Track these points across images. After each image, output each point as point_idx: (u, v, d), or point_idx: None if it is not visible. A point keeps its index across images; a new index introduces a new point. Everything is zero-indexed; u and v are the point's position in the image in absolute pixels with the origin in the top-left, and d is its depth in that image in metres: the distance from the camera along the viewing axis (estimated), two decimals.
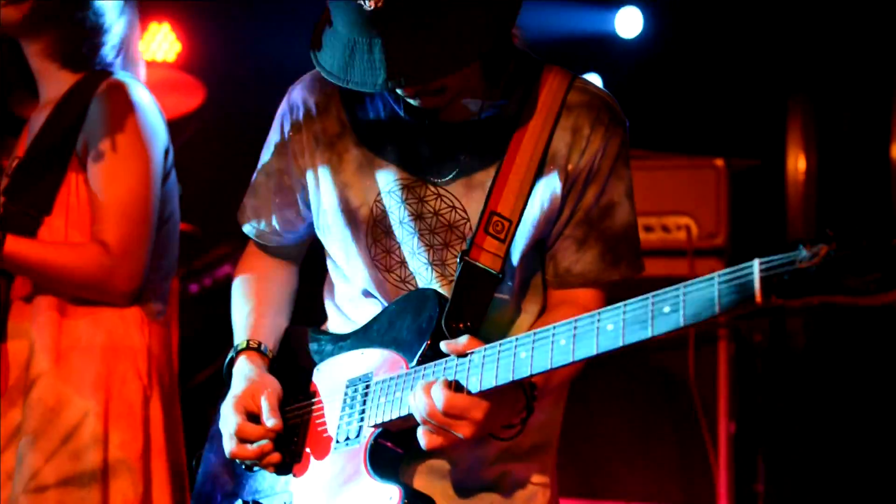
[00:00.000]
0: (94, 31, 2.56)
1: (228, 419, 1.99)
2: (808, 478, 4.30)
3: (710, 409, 4.06)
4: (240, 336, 2.15)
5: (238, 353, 2.10)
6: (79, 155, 2.49)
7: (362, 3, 1.73)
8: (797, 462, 4.29)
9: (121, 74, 2.57)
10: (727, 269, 1.44)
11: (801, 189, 4.92)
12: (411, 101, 1.90)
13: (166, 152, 2.58)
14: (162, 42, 4.70)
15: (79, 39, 2.55)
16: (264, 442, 1.96)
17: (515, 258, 1.97)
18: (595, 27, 4.77)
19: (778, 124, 4.95)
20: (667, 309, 1.51)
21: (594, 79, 2.02)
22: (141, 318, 2.55)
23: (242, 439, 1.96)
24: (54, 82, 2.57)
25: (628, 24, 4.74)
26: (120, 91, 2.49)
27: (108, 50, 2.59)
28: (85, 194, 2.49)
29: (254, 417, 1.98)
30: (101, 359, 2.48)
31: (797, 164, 4.94)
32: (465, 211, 1.96)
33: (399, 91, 1.87)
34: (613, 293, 1.89)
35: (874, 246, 1.31)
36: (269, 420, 1.95)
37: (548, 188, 1.95)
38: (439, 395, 1.73)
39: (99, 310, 2.51)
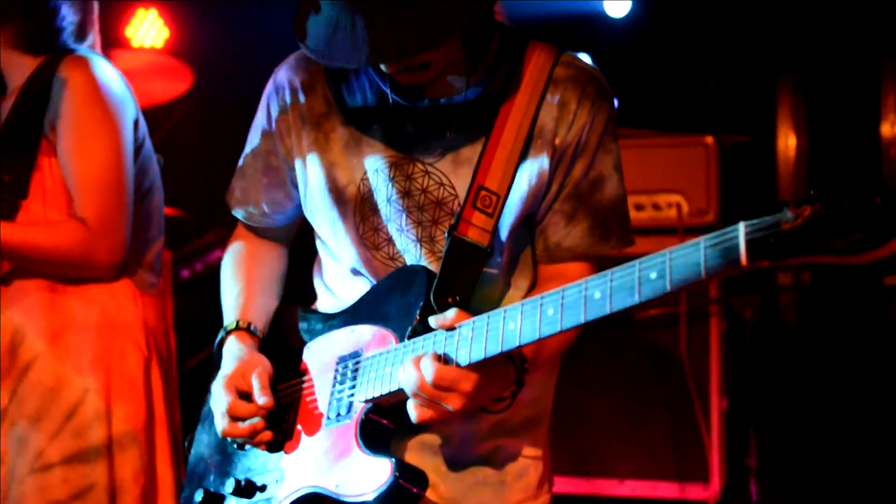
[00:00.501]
0: (54, 14, 2.57)
1: (220, 398, 1.99)
2: (800, 452, 4.32)
3: (702, 385, 4.08)
4: (229, 317, 2.15)
5: (227, 333, 2.11)
6: (47, 136, 2.50)
7: None
8: (789, 437, 4.31)
9: (81, 51, 2.58)
10: (713, 233, 1.44)
11: (791, 166, 4.93)
12: (396, 78, 1.89)
13: (136, 123, 2.58)
14: (150, 28, 4.69)
15: (40, 24, 2.56)
16: (256, 420, 1.96)
17: (504, 233, 1.97)
18: (584, 7, 4.77)
19: (767, 102, 4.95)
20: (653, 275, 1.51)
21: (584, 58, 2.02)
22: (132, 292, 2.58)
23: (234, 417, 1.97)
24: (18, 69, 2.58)
25: (617, 3, 4.73)
26: (80, 67, 2.50)
27: (72, 30, 2.60)
28: (59, 175, 2.51)
29: (245, 396, 1.99)
30: (96, 336, 2.52)
31: (787, 141, 4.94)
32: (453, 187, 1.97)
33: (383, 67, 1.87)
34: (605, 268, 1.90)
35: (857, 205, 1.31)
36: (261, 398, 1.96)
37: (535, 162, 1.95)
38: (429, 368, 1.74)
39: (88, 287, 2.53)
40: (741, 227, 1.43)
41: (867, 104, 4.80)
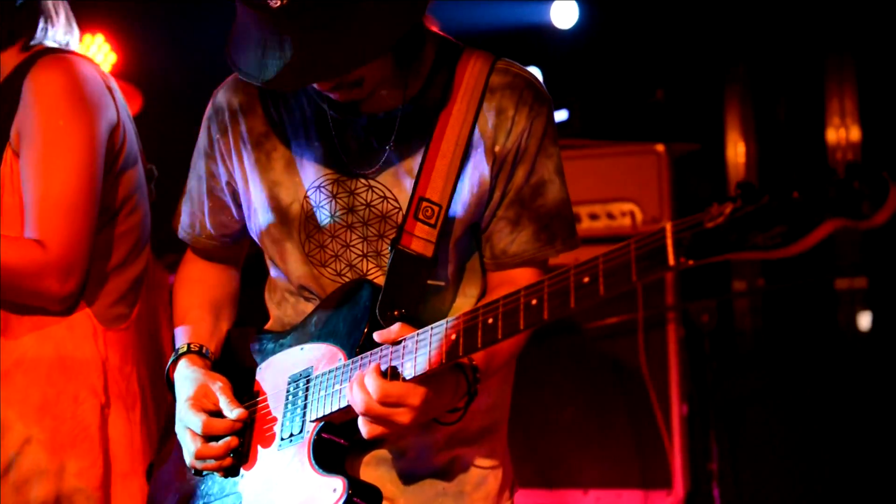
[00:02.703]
0: (34, 10, 2.36)
1: (191, 420, 1.96)
2: (761, 455, 4.36)
3: (661, 392, 4.10)
4: (180, 341, 2.13)
5: (179, 356, 2.09)
6: (12, 144, 2.27)
7: (268, 1, 1.72)
8: (749, 440, 4.35)
9: (59, 50, 2.36)
10: (642, 236, 1.45)
11: (741, 172, 5.00)
12: (330, 96, 1.89)
13: (115, 129, 2.34)
14: (97, 53, 4.66)
15: (16, 19, 2.34)
16: (229, 438, 1.95)
17: (448, 242, 1.97)
18: (531, 19, 4.80)
19: (716, 110, 5.02)
20: (586, 279, 1.52)
21: (534, 71, 2.02)
22: (93, 327, 2.33)
23: (209, 437, 1.95)
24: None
25: (564, 15, 4.78)
26: (52, 70, 2.26)
27: (53, 28, 2.39)
28: (20, 189, 2.26)
29: (215, 414, 1.97)
30: (46, 378, 2.27)
31: (736, 148, 5.02)
32: (396, 200, 1.97)
33: (316, 86, 1.87)
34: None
35: (775, 201, 1.33)
36: (233, 412, 1.94)
37: (476, 170, 1.96)
38: (373, 385, 1.73)
39: (45, 322, 2.29)
40: (668, 228, 1.44)
41: (812, 110, 4.88)
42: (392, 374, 1.76)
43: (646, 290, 4.10)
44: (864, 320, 4.68)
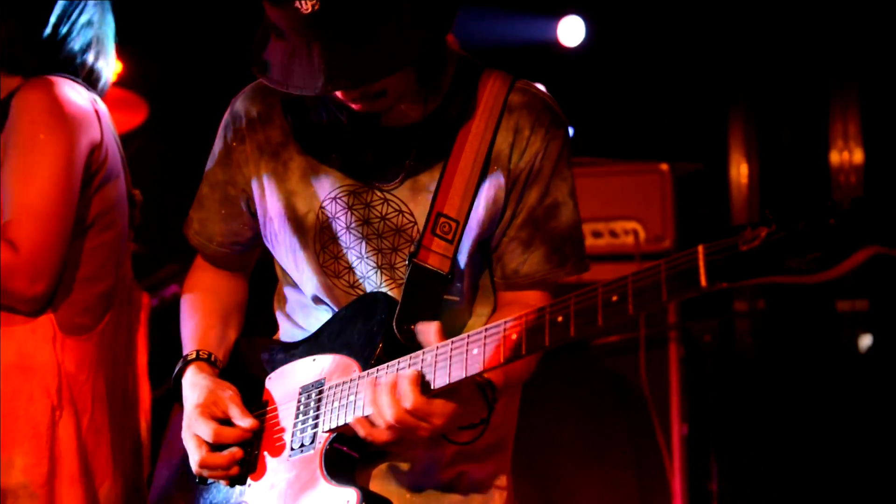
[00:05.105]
0: (36, 37, 2.45)
1: (199, 428, 1.96)
2: (760, 475, 4.35)
3: (662, 411, 4.10)
4: (188, 348, 2.13)
5: (187, 364, 2.08)
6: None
7: (298, 6, 1.73)
8: (749, 460, 4.34)
9: (49, 75, 2.44)
10: (673, 256, 1.46)
11: (743, 192, 5.01)
12: (352, 106, 1.90)
13: (95, 150, 2.43)
14: None
15: (21, 45, 2.45)
16: (234, 448, 1.94)
17: (463, 258, 1.98)
18: (538, 36, 4.81)
19: (720, 132, 5.04)
20: (615, 298, 1.52)
21: (539, 86, 2.04)
22: (53, 332, 2.39)
23: (217, 445, 1.94)
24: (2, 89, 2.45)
25: (571, 32, 4.79)
26: (37, 89, 2.37)
27: (68, 51, 2.47)
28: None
29: (224, 423, 1.97)
30: (5, 375, 2.34)
31: (739, 168, 5.03)
32: (411, 214, 1.97)
33: (339, 95, 1.88)
34: (560, 295, 1.91)
35: (812, 226, 1.34)
36: (244, 421, 1.95)
37: (492, 187, 1.96)
38: (408, 394, 1.73)
39: (11, 321, 2.36)
40: (700, 250, 1.44)
41: (816, 132, 4.90)
42: (422, 382, 1.75)
43: (654, 310, 4.09)
44: (865, 342, 4.69)
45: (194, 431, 1.97)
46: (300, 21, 1.75)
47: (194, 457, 1.97)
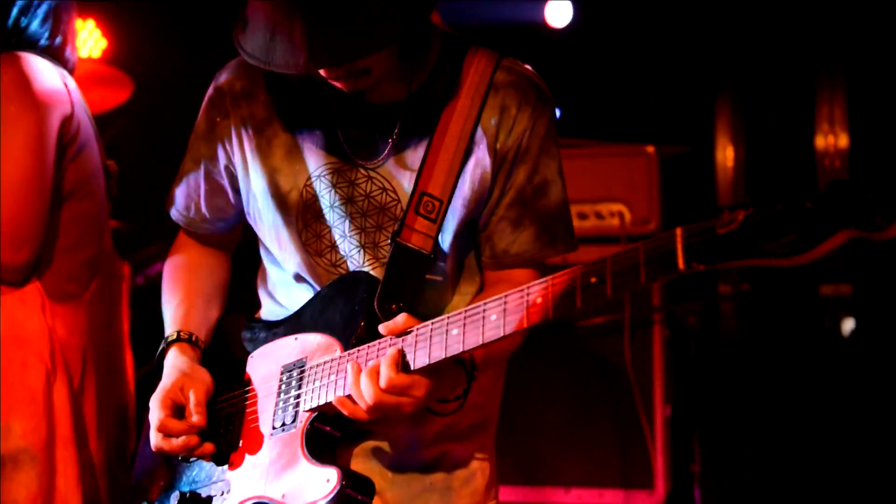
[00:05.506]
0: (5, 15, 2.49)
1: (154, 412, 1.97)
2: (743, 457, 4.38)
3: (645, 392, 4.11)
4: (170, 328, 2.12)
5: (169, 345, 2.08)
6: None
7: None
8: (732, 442, 4.37)
9: (15, 50, 2.47)
10: (651, 238, 1.46)
11: (729, 176, 5.02)
12: (336, 84, 1.89)
13: (66, 121, 2.46)
14: (87, 39, 4.62)
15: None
16: (185, 438, 1.94)
17: (447, 238, 1.97)
18: (525, 17, 4.80)
19: (706, 115, 5.04)
20: (593, 279, 1.53)
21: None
22: (41, 300, 2.43)
23: (167, 434, 1.95)
24: None
25: (558, 14, 4.77)
26: (4, 65, 2.40)
27: (33, 28, 2.52)
28: None
29: (182, 410, 1.97)
30: None
31: (725, 152, 5.03)
32: (395, 192, 1.96)
33: (322, 73, 1.87)
34: (547, 274, 1.91)
35: (788, 209, 1.34)
36: (194, 416, 1.94)
37: (478, 167, 1.96)
38: (385, 374, 1.74)
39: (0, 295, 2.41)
40: (678, 232, 1.45)
41: (802, 117, 4.91)
42: (403, 363, 1.76)
43: (633, 291, 4.10)
44: (848, 326, 4.72)
45: (151, 416, 1.99)
46: (283, 0, 1.73)
47: (152, 440, 1.98)
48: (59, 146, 2.45)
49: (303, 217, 2.01)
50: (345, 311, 1.94)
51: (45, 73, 2.45)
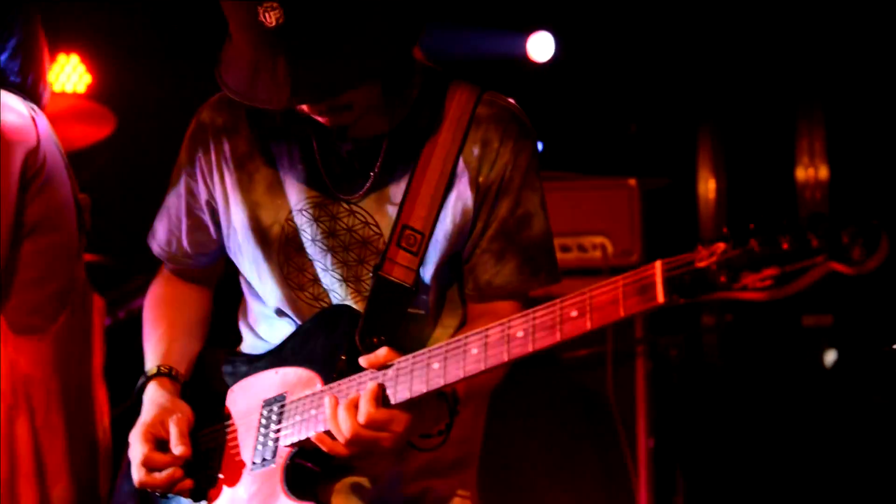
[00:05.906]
0: None
1: (135, 447, 1.96)
2: (726, 489, 4.37)
3: (629, 425, 4.11)
4: (150, 362, 2.12)
5: (148, 379, 2.08)
6: None
7: (263, 20, 1.73)
8: (714, 474, 4.36)
9: None
10: (631, 272, 1.47)
11: (711, 208, 5.05)
12: (318, 119, 1.90)
13: (30, 156, 2.42)
14: (71, 73, 4.63)
15: None
16: (172, 470, 1.94)
17: (429, 271, 1.98)
18: (508, 50, 4.83)
19: (688, 147, 5.08)
20: (574, 313, 1.53)
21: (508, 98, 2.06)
22: (2, 332, 2.39)
23: (150, 468, 1.94)
24: None
25: (541, 48, 4.81)
26: None
27: (2, 63, 2.49)
28: None
29: (164, 444, 1.96)
30: None
31: (707, 184, 5.07)
32: (377, 226, 1.97)
33: (305, 109, 1.87)
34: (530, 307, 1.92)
35: (766, 243, 1.35)
36: (177, 448, 1.93)
37: (459, 200, 1.96)
38: (364, 409, 1.73)
39: None
40: (657, 266, 1.46)
41: (783, 149, 4.95)
42: (383, 397, 1.75)
43: (615, 323, 4.10)
44: (830, 357, 4.73)
45: (132, 451, 1.98)
46: (264, 35, 1.75)
47: (135, 475, 1.97)
48: (23, 179, 2.41)
49: (284, 251, 2.01)
50: (326, 344, 1.94)
51: (10, 108, 2.42)
